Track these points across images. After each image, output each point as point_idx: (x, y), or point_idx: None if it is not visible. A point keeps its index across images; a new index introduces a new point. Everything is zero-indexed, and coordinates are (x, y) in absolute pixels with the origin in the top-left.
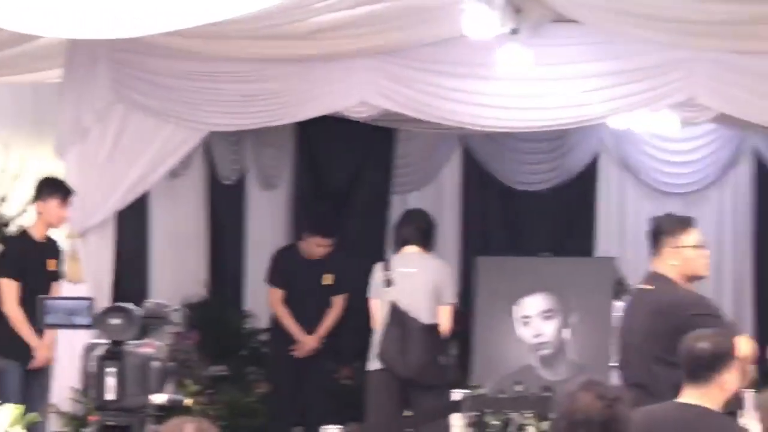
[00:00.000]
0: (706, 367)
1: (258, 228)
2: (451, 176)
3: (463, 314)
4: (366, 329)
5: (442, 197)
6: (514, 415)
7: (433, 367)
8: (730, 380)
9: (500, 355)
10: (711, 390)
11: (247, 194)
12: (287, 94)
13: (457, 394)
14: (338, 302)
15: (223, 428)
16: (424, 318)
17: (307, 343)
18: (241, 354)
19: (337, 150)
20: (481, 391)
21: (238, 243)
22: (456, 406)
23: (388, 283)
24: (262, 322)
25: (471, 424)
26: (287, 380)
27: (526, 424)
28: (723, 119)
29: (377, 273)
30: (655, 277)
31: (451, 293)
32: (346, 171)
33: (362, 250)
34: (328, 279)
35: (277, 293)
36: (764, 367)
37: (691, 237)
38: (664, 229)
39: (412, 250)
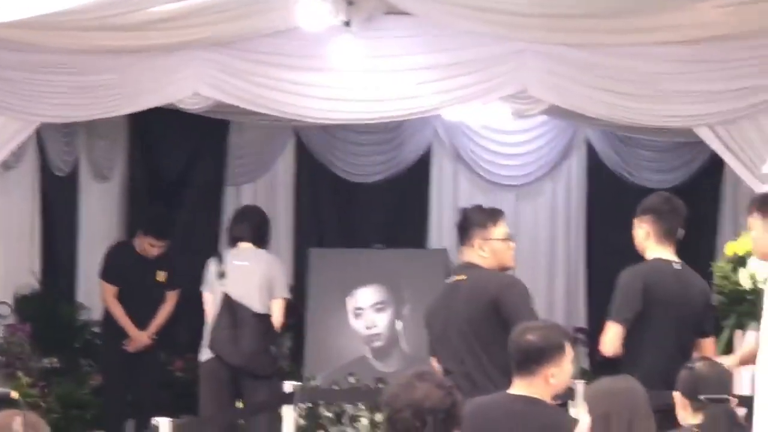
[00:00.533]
0: (533, 360)
1: (91, 220)
2: (285, 168)
3: (297, 306)
4: (199, 322)
5: (276, 189)
6: (348, 407)
7: (264, 356)
8: (557, 373)
9: (333, 347)
10: (537, 381)
11: (80, 186)
12: (121, 85)
13: (288, 386)
14: (171, 298)
15: (55, 421)
16: (257, 306)
17: (139, 338)
18: (74, 346)
19: (170, 141)
20: (314, 382)
21: (71, 234)
22: (287, 398)
23: (222, 275)
24: (96, 314)
25: (304, 416)
26: (120, 373)
27: (359, 416)
28: (555, 111)
29: (211, 267)
30: (467, 267)
31: (283, 287)
32: (179, 162)
33: (196, 242)
34: (161, 276)
35: (110, 289)
36: (595, 358)
37: (499, 229)
38: (474, 221)
39: (245, 246)
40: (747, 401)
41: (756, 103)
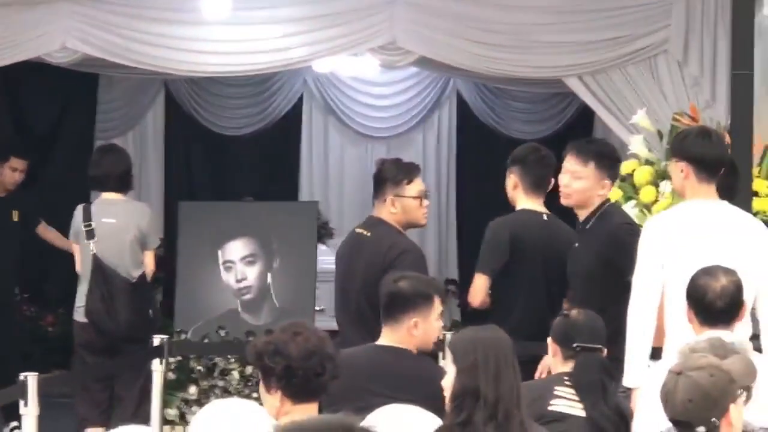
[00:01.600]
0: (399, 307)
1: None
2: (155, 121)
3: (167, 259)
4: (70, 276)
5: (146, 142)
6: (219, 360)
7: (141, 322)
8: (420, 324)
9: (204, 301)
10: (402, 331)
11: None
12: None
13: (157, 340)
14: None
15: None
16: (129, 268)
17: None
18: None
19: (39, 96)
20: (184, 336)
21: None
22: (156, 351)
23: (90, 234)
24: None
25: (174, 370)
26: None
27: (231, 369)
28: (425, 63)
29: (77, 217)
30: (375, 223)
31: (154, 238)
32: (49, 117)
33: (66, 197)
34: (15, 216)
35: None
36: (466, 310)
37: (414, 186)
38: (387, 176)
39: (110, 197)
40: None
41: (624, 54)
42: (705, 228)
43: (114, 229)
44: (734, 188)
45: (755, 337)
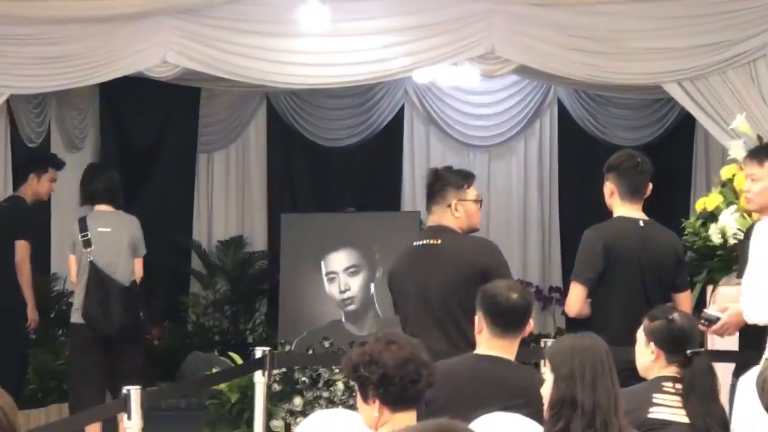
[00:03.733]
0: (518, 320)
1: (64, 190)
2: (256, 134)
3: (271, 271)
4: (174, 289)
5: (248, 155)
6: (323, 371)
7: (134, 323)
8: (527, 332)
9: (308, 312)
10: (514, 342)
11: None
12: (89, 55)
13: (259, 352)
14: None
15: (33, 392)
16: (123, 273)
17: None
18: (49, 317)
19: (141, 110)
20: (288, 348)
21: (43, 205)
22: (259, 363)
23: (87, 243)
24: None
25: (279, 381)
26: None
27: (335, 380)
28: (525, 71)
29: (74, 229)
30: (439, 230)
31: (143, 246)
32: (151, 131)
33: (169, 210)
34: None
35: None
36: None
37: (472, 191)
38: (450, 182)
39: (104, 209)
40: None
41: (724, 59)
42: None
43: (109, 238)
44: None
45: None
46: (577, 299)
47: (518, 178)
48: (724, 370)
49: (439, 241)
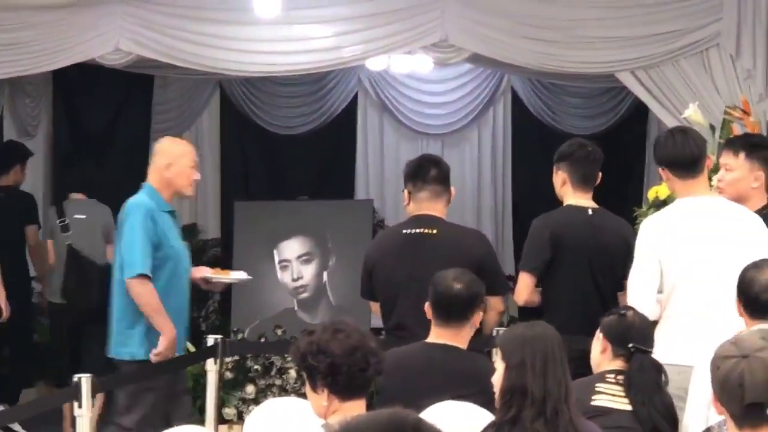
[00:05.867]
0: (460, 310)
1: None
2: (210, 121)
3: (224, 259)
4: None
5: (201, 142)
6: (276, 359)
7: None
8: (477, 321)
9: (261, 300)
10: (460, 331)
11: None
12: (42, 42)
13: (211, 339)
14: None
15: None
16: (99, 255)
17: None
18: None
19: (94, 98)
20: (241, 335)
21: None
22: (211, 351)
23: (65, 228)
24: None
25: (232, 369)
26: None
27: (288, 368)
28: (478, 59)
29: (51, 215)
30: (434, 220)
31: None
32: (103, 119)
33: (121, 199)
34: None
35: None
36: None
37: None
38: (449, 173)
39: (77, 197)
40: None
41: (677, 48)
42: (704, 224)
43: (86, 224)
44: None
45: None
46: (524, 288)
47: (472, 166)
48: None
49: (435, 231)
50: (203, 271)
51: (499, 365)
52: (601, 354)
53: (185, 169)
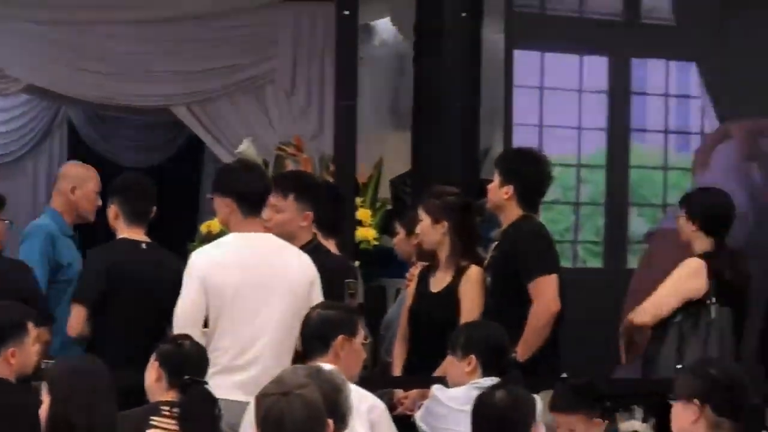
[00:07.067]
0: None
1: None
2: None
3: None
4: None
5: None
6: None
7: None
8: (18, 353)
9: None
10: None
11: None
12: None
13: None
14: None
15: None
16: None
17: None
18: None
19: None
20: None
21: None
22: None
23: None
24: None
25: None
26: None
27: None
28: (36, 90)
29: None
30: None
31: None
32: None
33: None
34: None
35: None
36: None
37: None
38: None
39: None
40: None
41: (233, 83)
42: (252, 259)
43: None
44: (339, 217)
45: None
46: (74, 319)
47: (26, 198)
48: None
49: None
50: None
51: (46, 398)
52: (155, 382)
53: (90, 194)
